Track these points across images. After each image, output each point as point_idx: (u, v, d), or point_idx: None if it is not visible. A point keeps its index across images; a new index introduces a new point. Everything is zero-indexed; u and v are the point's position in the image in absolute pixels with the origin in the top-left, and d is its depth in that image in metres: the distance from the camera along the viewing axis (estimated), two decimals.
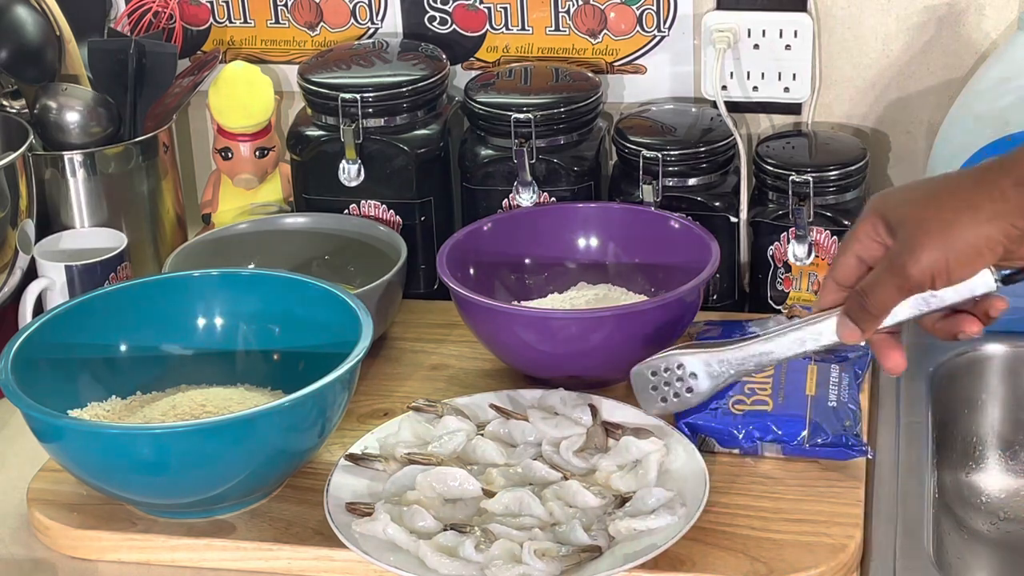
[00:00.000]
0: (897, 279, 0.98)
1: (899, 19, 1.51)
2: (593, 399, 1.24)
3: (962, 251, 0.96)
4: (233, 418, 1.11)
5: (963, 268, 0.97)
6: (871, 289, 1.01)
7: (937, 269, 0.97)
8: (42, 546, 1.19)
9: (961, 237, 0.95)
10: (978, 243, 0.95)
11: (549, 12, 1.59)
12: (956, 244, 0.96)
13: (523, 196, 1.47)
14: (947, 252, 0.96)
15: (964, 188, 0.97)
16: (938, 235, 0.96)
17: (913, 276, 0.97)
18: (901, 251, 0.98)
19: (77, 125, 1.51)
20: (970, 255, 0.96)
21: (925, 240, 0.97)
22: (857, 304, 1.02)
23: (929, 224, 0.96)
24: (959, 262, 0.96)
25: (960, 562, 1.31)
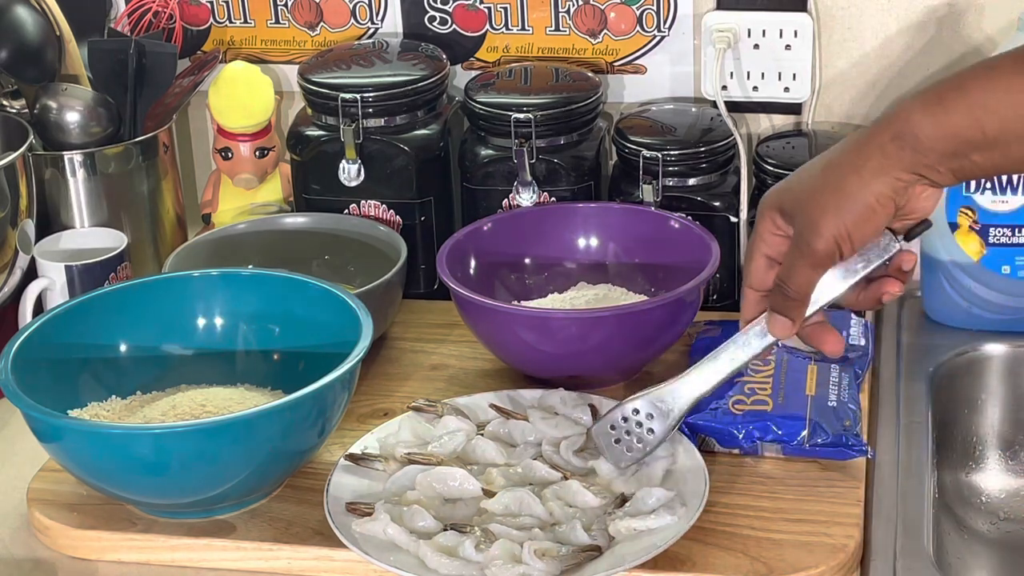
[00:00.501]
0: (807, 258, 1.02)
1: (899, 19, 1.51)
2: (593, 399, 1.24)
3: (858, 213, 0.99)
4: (233, 418, 1.11)
5: (862, 229, 1.00)
6: (787, 276, 1.04)
7: (840, 236, 1.00)
8: (42, 546, 1.19)
9: (853, 200, 0.99)
10: (869, 201, 0.99)
11: (549, 12, 1.59)
12: (850, 207, 0.99)
13: (523, 196, 1.47)
14: (843, 217, 1.00)
15: (847, 154, 1.00)
16: (832, 204, 1.00)
17: (820, 250, 1.01)
18: (803, 231, 1.01)
19: (77, 125, 1.51)
20: (865, 215, 0.99)
21: (820, 213, 1.00)
22: (779, 296, 1.05)
23: (821, 197, 1.00)
24: (857, 224, 1.00)
25: (960, 562, 1.31)
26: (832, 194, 1.00)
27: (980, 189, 1.39)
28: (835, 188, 1.00)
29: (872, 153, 0.99)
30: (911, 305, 1.47)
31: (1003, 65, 0.97)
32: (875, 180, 0.99)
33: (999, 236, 1.39)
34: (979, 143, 0.96)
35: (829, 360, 1.29)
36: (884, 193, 0.99)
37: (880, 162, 0.98)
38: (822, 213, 1.00)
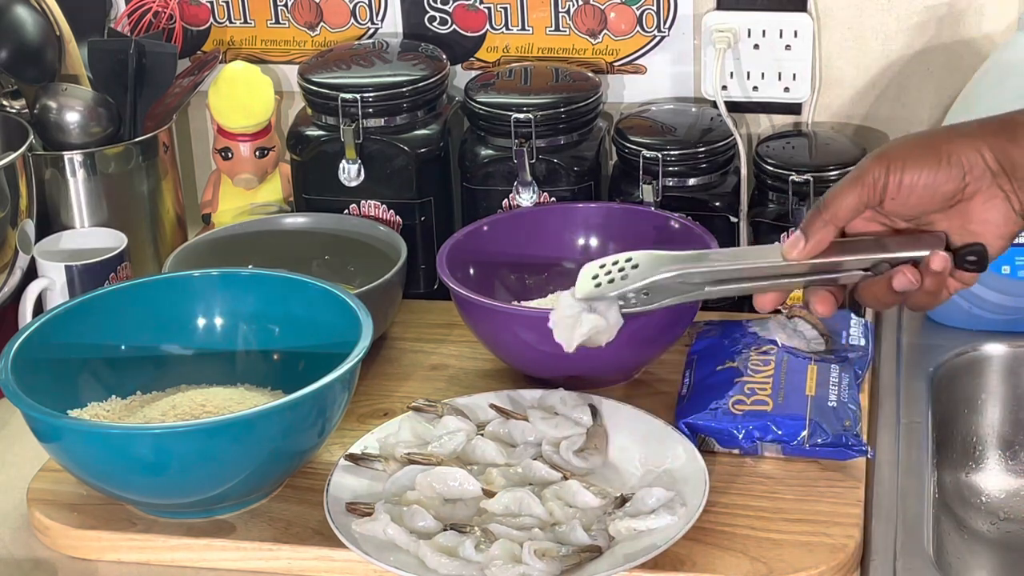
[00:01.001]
0: (854, 173, 1.00)
1: (899, 19, 1.51)
2: (593, 399, 1.24)
3: (921, 153, 0.98)
4: (233, 418, 1.11)
5: (916, 168, 0.99)
6: (832, 197, 1.01)
7: (893, 158, 0.99)
8: (42, 546, 1.19)
9: (928, 137, 0.99)
10: (941, 149, 0.98)
11: (549, 12, 1.59)
12: (921, 141, 0.99)
13: (523, 196, 1.47)
14: (909, 147, 0.99)
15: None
16: (905, 143, 1.00)
17: (867, 166, 0.99)
18: (869, 158, 1.00)
19: (77, 125, 1.51)
20: (927, 158, 0.98)
21: (894, 143, 1.00)
22: (814, 212, 1.02)
23: (906, 137, 1.00)
24: (914, 160, 0.98)
25: (960, 562, 1.31)
26: (914, 138, 1.00)
27: None
28: (920, 136, 1.00)
29: (974, 127, 0.99)
30: None
31: None
32: (961, 140, 0.98)
33: None
34: None
35: (829, 360, 1.29)
36: (958, 154, 0.98)
37: (977, 130, 0.99)
38: (894, 143, 1.00)
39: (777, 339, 1.31)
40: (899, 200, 1.00)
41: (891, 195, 1.00)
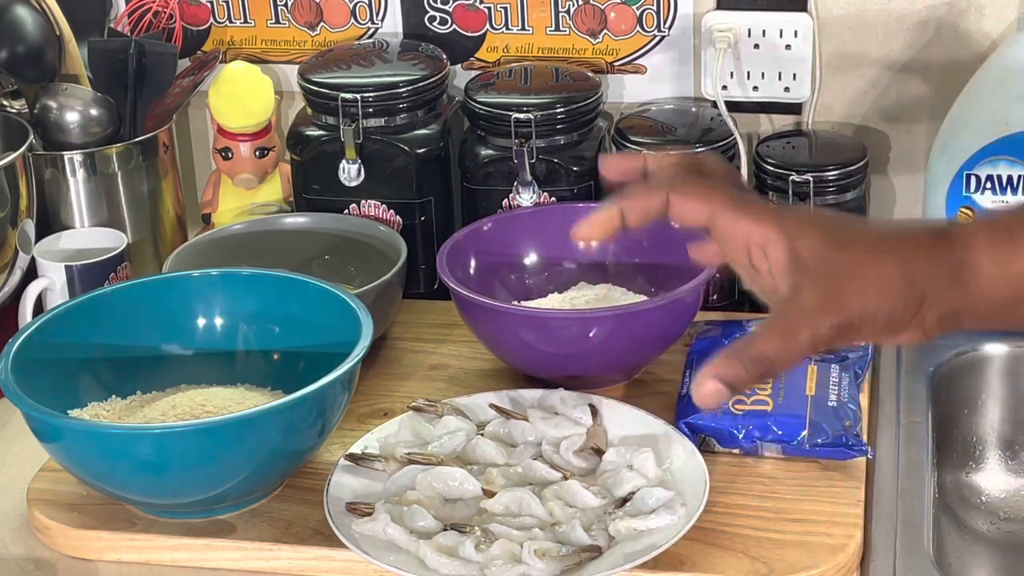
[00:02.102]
0: (813, 337, 0.85)
1: (899, 19, 1.51)
2: (593, 399, 1.24)
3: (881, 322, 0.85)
4: (233, 418, 1.11)
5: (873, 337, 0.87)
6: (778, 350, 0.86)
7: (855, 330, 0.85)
8: (42, 546, 1.19)
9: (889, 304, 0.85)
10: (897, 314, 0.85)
11: (549, 12, 1.59)
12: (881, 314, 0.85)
13: (523, 196, 1.47)
14: (869, 317, 0.85)
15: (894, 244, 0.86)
16: (872, 295, 0.85)
17: (827, 336, 0.85)
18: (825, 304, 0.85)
19: (77, 125, 1.51)
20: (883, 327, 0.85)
21: (856, 297, 0.85)
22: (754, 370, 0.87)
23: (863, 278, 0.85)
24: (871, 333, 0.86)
25: (960, 562, 1.31)
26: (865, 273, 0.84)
27: (980, 189, 1.39)
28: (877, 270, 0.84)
29: (923, 268, 0.84)
30: None
31: None
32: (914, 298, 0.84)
33: None
34: None
35: (829, 360, 1.29)
36: (908, 315, 0.84)
37: (929, 285, 0.84)
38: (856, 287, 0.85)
39: None
40: None
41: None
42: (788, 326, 0.85)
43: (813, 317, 0.84)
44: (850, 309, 0.84)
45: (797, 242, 0.86)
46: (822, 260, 0.85)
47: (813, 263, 0.85)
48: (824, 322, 0.84)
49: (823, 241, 0.86)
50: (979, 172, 1.39)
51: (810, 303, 0.85)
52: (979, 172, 1.39)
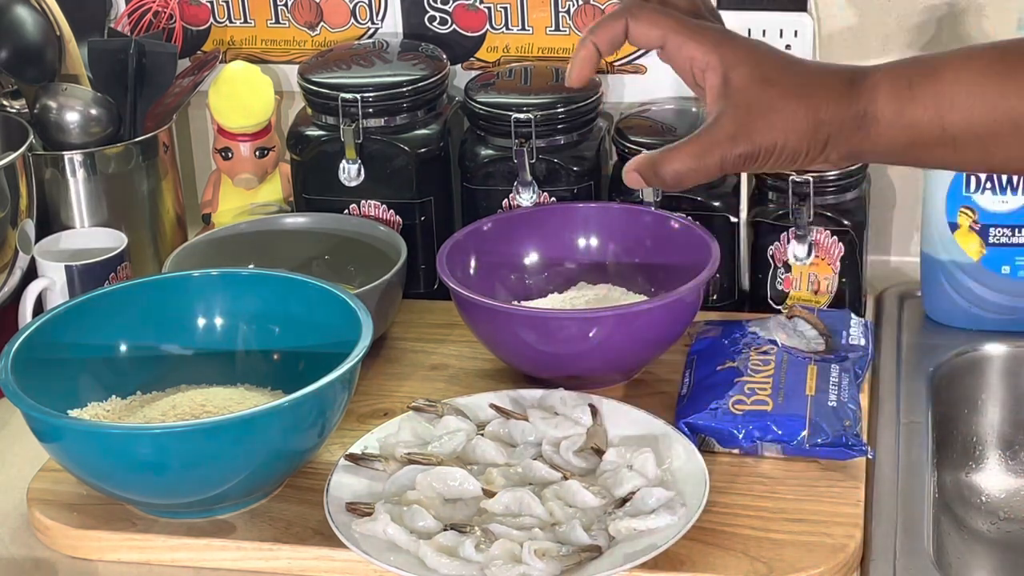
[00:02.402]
0: (720, 162, 0.94)
1: (899, 19, 1.51)
2: (593, 399, 1.24)
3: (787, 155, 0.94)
4: (233, 418, 1.11)
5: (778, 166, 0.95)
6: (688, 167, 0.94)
7: (763, 157, 0.94)
8: (42, 546, 1.19)
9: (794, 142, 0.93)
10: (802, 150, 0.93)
11: (549, 12, 1.59)
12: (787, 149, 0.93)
13: (523, 196, 1.47)
14: (774, 150, 0.93)
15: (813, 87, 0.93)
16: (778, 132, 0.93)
17: (736, 162, 0.93)
18: (734, 133, 0.93)
19: (77, 125, 1.51)
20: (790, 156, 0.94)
21: (764, 131, 0.93)
22: (651, 173, 0.96)
23: (773, 114, 0.93)
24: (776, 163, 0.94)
25: (960, 562, 1.31)
26: (780, 111, 0.92)
27: (980, 189, 1.39)
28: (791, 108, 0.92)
29: (830, 115, 0.92)
30: (911, 305, 1.47)
31: (982, 56, 0.92)
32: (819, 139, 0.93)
33: (999, 236, 1.39)
34: (935, 139, 0.91)
35: (829, 360, 1.29)
36: (815, 152, 0.93)
37: (834, 130, 0.92)
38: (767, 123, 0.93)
39: (777, 339, 1.31)
40: None
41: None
42: (702, 149, 0.94)
43: (725, 143, 0.93)
44: (758, 141, 0.93)
45: (731, 71, 0.94)
46: (746, 92, 0.93)
47: (737, 94, 0.93)
48: (733, 150, 0.93)
49: (751, 75, 0.93)
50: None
51: (725, 131, 0.93)
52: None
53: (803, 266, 1.44)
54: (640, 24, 0.95)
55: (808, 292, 1.44)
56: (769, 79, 0.93)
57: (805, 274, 1.44)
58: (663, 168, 0.95)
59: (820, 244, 1.43)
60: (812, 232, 1.42)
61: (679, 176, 0.95)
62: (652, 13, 0.95)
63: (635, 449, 1.17)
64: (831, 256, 1.43)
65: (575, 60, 0.97)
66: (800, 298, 1.44)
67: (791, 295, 1.45)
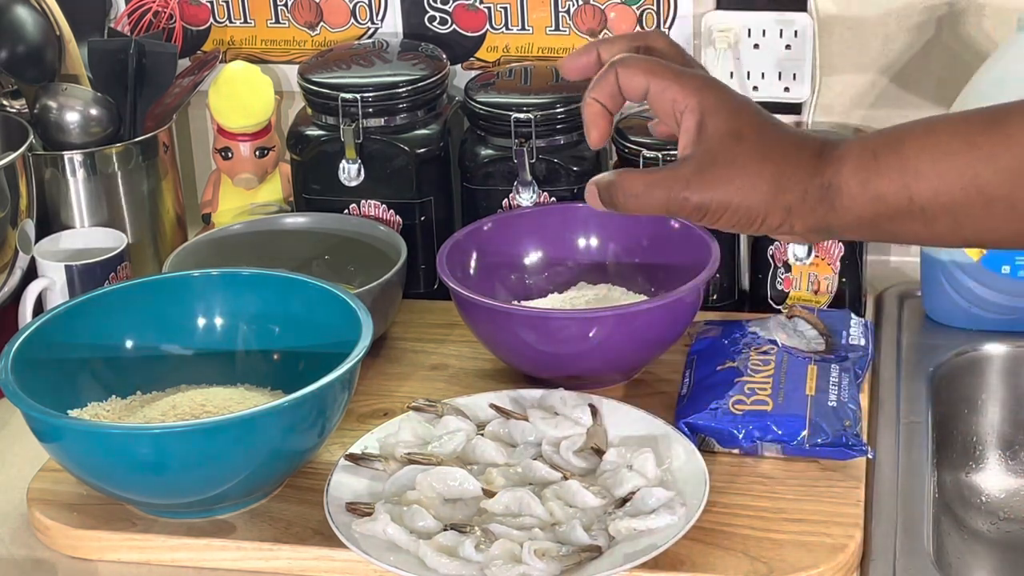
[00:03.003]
0: (671, 202, 0.93)
1: (899, 19, 1.51)
2: (593, 399, 1.24)
3: (744, 212, 0.92)
4: (233, 418, 1.11)
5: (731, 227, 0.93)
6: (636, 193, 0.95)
7: (714, 212, 0.92)
8: (42, 546, 1.19)
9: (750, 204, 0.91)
10: (760, 212, 0.91)
11: (549, 12, 1.59)
12: (741, 209, 0.91)
13: (523, 196, 1.47)
14: (728, 208, 0.92)
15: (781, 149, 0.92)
16: (735, 190, 0.91)
17: (687, 207, 0.92)
18: (691, 179, 0.92)
19: (77, 125, 1.51)
20: (747, 219, 0.92)
21: (720, 186, 0.91)
22: (607, 194, 0.97)
23: (734, 170, 0.91)
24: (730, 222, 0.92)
25: (960, 562, 1.31)
26: (742, 169, 0.91)
27: None
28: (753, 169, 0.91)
29: (793, 184, 0.90)
30: (911, 305, 1.47)
31: (947, 124, 0.90)
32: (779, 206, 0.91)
33: None
34: (903, 211, 0.88)
35: (829, 360, 1.29)
36: (773, 220, 0.91)
37: (796, 199, 0.90)
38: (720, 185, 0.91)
39: (777, 339, 1.31)
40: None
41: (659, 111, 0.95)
42: (655, 181, 0.94)
43: (678, 184, 0.92)
44: (712, 193, 0.92)
45: (707, 117, 0.93)
46: (714, 141, 0.92)
47: (707, 141, 0.92)
48: (685, 194, 0.92)
49: (725, 126, 0.92)
50: None
51: (683, 172, 0.92)
52: None
53: (803, 266, 1.44)
54: (627, 71, 0.95)
55: (808, 292, 1.44)
56: (740, 134, 0.92)
57: (805, 274, 1.44)
58: (616, 190, 0.96)
59: (820, 244, 1.43)
60: None
61: (625, 200, 0.95)
62: (637, 60, 0.95)
63: (635, 449, 1.17)
64: (831, 256, 1.43)
65: (587, 122, 0.98)
66: (800, 298, 1.44)
67: (791, 295, 1.45)
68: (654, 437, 1.20)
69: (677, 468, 1.16)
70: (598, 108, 0.97)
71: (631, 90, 0.95)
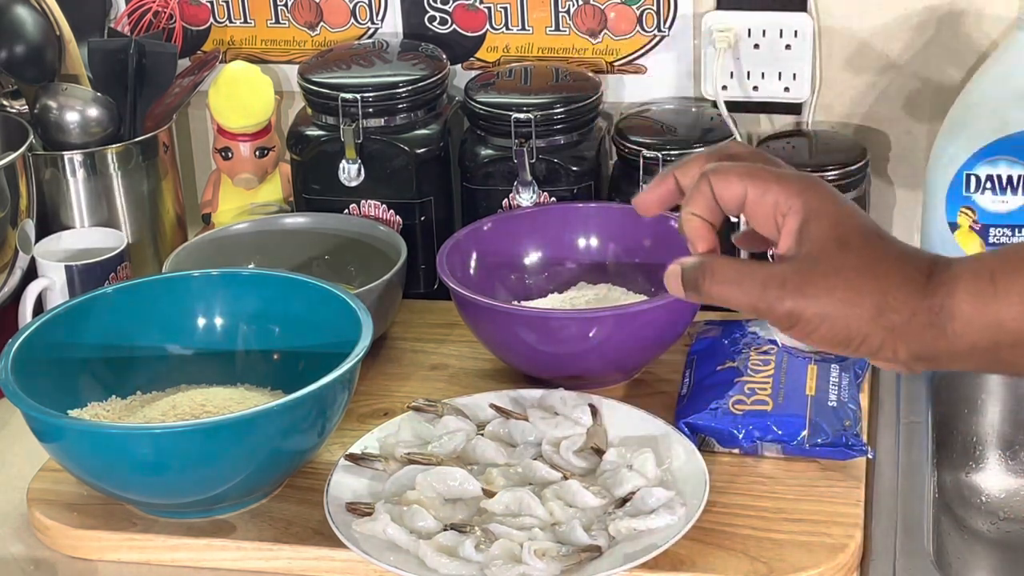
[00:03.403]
0: (761, 300, 0.85)
1: (899, 19, 1.51)
2: (593, 399, 1.24)
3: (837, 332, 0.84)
4: (233, 418, 1.11)
5: (823, 343, 0.86)
6: (726, 280, 0.87)
7: (807, 323, 0.85)
8: (42, 546, 1.19)
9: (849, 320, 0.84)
10: (857, 335, 0.84)
11: (549, 12, 1.59)
12: (838, 324, 0.84)
13: (523, 196, 1.47)
14: (825, 321, 0.84)
15: (889, 267, 0.85)
16: (835, 302, 0.84)
17: (779, 310, 0.85)
18: (788, 281, 0.85)
19: (77, 125, 1.51)
20: (842, 339, 0.84)
21: (819, 295, 0.84)
22: (692, 285, 0.89)
23: (837, 279, 0.84)
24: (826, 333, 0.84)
25: (960, 562, 1.31)
26: (846, 294, 0.84)
27: (980, 189, 1.39)
28: (851, 293, 0.84)
29: (899, 303, 0.83)
30: None
31: None
32: (882, 327, 0.83)
33: (999, 236, 1.39)
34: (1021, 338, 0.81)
35: (829, 360, 1.29)
36: (874, 342, 0.84)
37: (902, 321, 0.83)
38: (819, 296, 0.84)
39: (777, 339, 1.31)
40: None
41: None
42: (748, 274, 0.86)
43: (773, 284, 0.85)
44: (808, 303, 0.84)
45: (811, 220, 0.86)
46: (817, 246, 0.85)
47: (809, 245, 0.85)
48: (780, 297, 0.85)
49: (830, 231, 0.85)
50: (979, 172, 1.39)
51: (780, 274, 0.85)
52: (979, 172, 1.39)
53: None
54: (721, 180, 0.89)
55: None
56: (846, 242, 0.85)
57: None
58: (704, 273, 0.88)
59: None
60: None
61: (711, 286, 0.88)
62: (731, 167, 0.89)
63: (635, 449, 1.17)
64: None
65: (691, 239, 0.92)
66: None
67: None
68: (654, 437, 1.20)
69: (677, 468, 1.16)
70: (698, 222, 0.91)
71: (728, 199, 0.89)
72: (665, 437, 1.19)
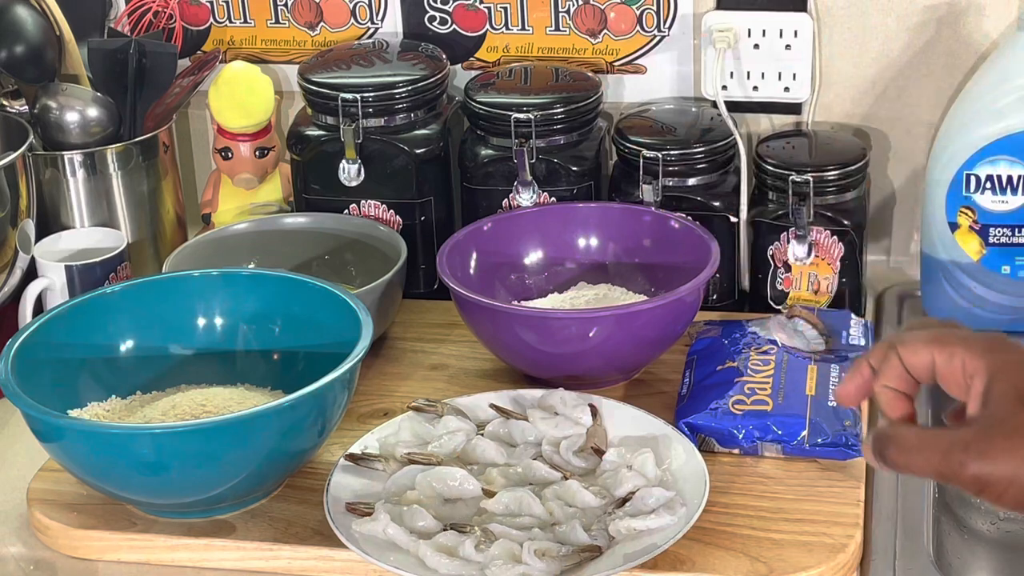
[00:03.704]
0: (946, 467, 0.82)
1: (899, 19, 1.51)
2: (593, 399, 1.24)
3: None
4: (233, 418, 1.11)
5: (1017, 507, 0.82)
6: (909, 447, 0.85)
7: (995, 486, 0.81)
8: (42, 546, 1.19)
9: None
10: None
11: (549, 12, 1.59)
12: None
13: (523, 196, 1.47)
14: (1013, 484, 0.81)
15: None
16: (1019, 463, 0.80)
17: (964, 476, 0.82)
18: (970, 445, 0.82)
19: (77, 125, 1.51)
20: None
21: (1002, 457, 0.81)
22: (879, 448, 0.86)
23: (1019, 439, 0.81)
24: (1015, 500, 0.81)
25: (960, 562, 1.31)
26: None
27: (980, 189, 1.39)
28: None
29: None
30: (911, 305, 1.47)
31: None
32: None
33: (999, 236, 1.39)
34: None
35: (829, 360, 1.29)
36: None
37: None
38: (1011, 451, 0.81)
39: (777, 339, 1.31)
40: None
41: None
42: (931, 440, 0.84)
43: (957, 448, 0.82)
44: (994, 466, 0.81)
45: (995, 380, 0.84)
46: (1000, 407, 0.83)
47: (992, 406, 0.83)
48: (964, 466, 0.82)
49: (1013, 390, 0.83)
50: (979, 172, 1.39)
51: (964, 436, 0.83)
52: (979, 172, 1.39)
53: (803, 266, 1.44)
54: (908, 350, 0.87)
55: (808, 292, 1.44)
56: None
57: (805, 274, 1.44)
58: (888, 443, 0.85)
59: (820, 244, 1.43)
60: (812, 232, 1.42)
61: (896, 456, 0.85)
62: (916, 336, 0.88)
63: (635, 449, 1.17)
64: (831, 256, 1.43)
65: (886, 410, 0.90)
66: (800, 298, 1.44)
67: (791, 295, 1.45)
68: (654, 437, 1.20)
69: (677, 468, 1.16)
70: (892, 394, 0.89)
71: (918, 367, 0.87)
72: (665, 437, 1.19)
